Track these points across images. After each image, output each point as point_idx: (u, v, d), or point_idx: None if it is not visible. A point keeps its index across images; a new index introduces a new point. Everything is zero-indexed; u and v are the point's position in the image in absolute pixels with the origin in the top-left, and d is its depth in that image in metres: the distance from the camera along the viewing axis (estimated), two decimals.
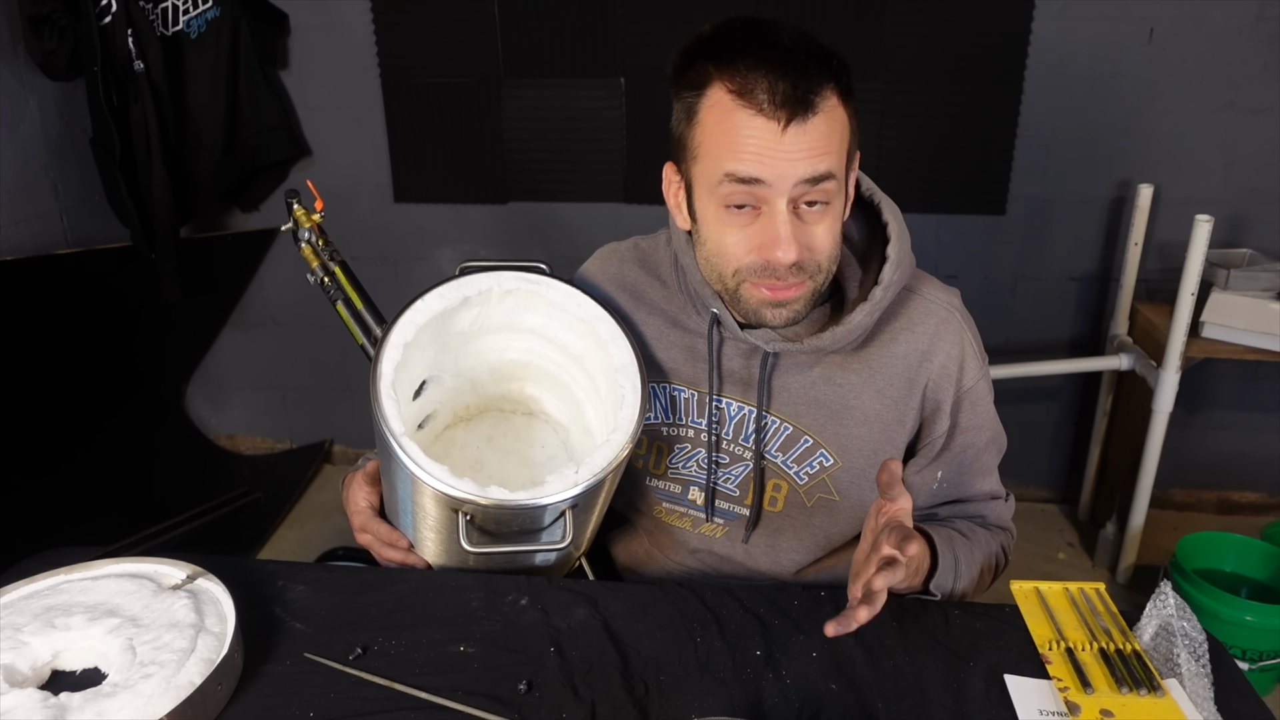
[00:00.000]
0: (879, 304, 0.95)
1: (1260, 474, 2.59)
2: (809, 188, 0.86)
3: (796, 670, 0.85)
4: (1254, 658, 1.91)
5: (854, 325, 0.94)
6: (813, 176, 0.85)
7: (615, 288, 1.11)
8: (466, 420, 1.16)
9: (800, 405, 1.01)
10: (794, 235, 0.86)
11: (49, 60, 2.29)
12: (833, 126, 0.86)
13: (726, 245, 0.90)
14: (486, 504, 0.86)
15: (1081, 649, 0.88)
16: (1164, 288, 2.40)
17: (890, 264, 0.95)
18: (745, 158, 0.84)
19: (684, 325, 1.06)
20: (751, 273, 0.90)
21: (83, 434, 2.55)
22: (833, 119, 0.85)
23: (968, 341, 1.01)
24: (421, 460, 0.87)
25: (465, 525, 0.87)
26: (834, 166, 0.86)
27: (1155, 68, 2.26)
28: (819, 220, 0.89)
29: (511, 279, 1.01)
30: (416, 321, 0.96)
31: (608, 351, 1.00)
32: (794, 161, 0.84)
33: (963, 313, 1.02)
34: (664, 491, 1.10)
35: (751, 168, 0.85)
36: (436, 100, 2.54)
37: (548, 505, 0.87)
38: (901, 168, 2.40)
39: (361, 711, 0.80)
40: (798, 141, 0.83)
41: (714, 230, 0.91)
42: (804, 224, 0.88)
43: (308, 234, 1.13)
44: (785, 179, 0.85)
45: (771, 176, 0.85)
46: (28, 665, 0.81)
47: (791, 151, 0.84)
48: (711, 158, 0.87)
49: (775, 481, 1.04)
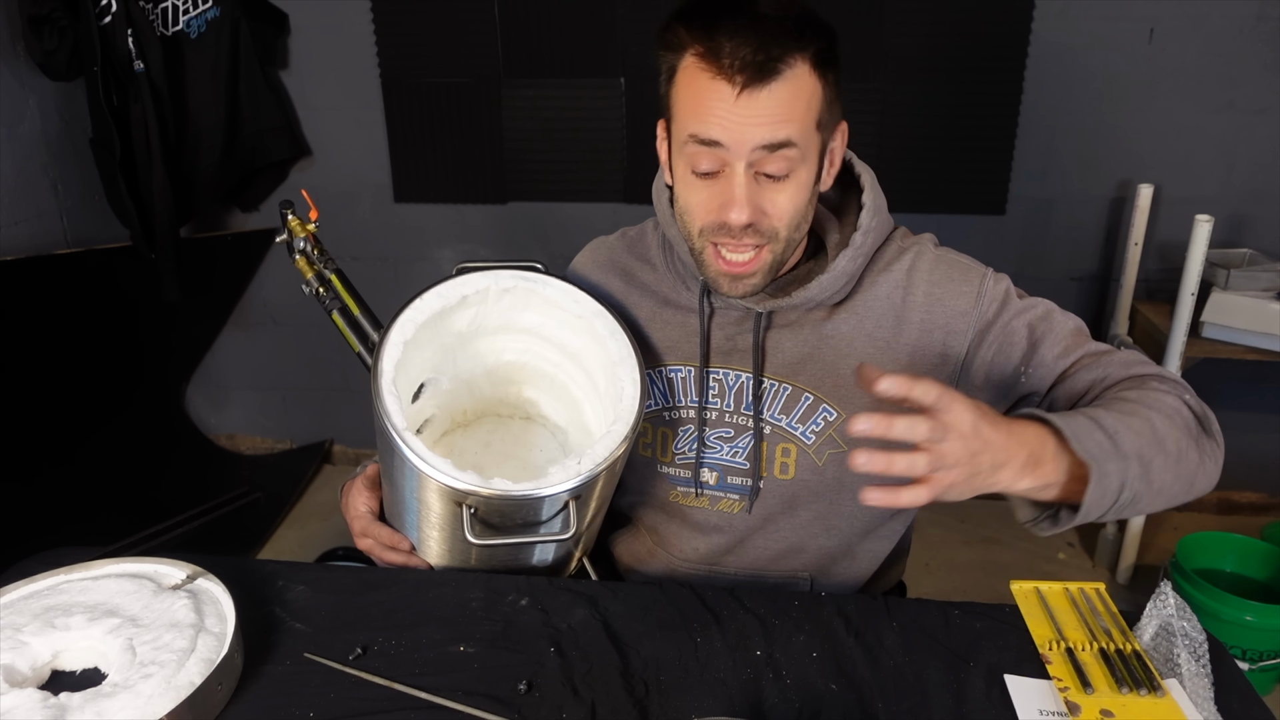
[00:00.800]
0: (860, 248, 0.96)
1: (1260, 474, 2.59)
2: (766, 154, 0.86)
3: (796, 670, 0.85)
4: (1254, 658, 1.91)
5: (839, 272, 0.96)
6: (770, 143, 0.86)
7: (607, 273, 1.12)
8: (464, 426, 1.16)
9: (795, 363, 1.02)
10: (748, 197, 0.88)
11: (49, 60, 2.29)
12: (797, 95, 0.86)
13: (691, 205, 0.93)
14: (490, 495, 0.86)
15: (1082, 649, 0.88)
16: (1164, 288, 2.40)
17: (867, 210, 0.97)
18: (706, 120, 0.86)
19: (676, 303, 1.07)
20: (711, 233, 0.92)
21: (83, 434, 2.55)
22: (799, 87, 0.85)
23: (950, 263, 1.01)
24: (425, 454, 0.87)
25: (469, 518, 0.87)
26: (795, 135, 0.86)
27: (1155, 68, 2.26)
28: (780, 188, 0.89)
29: (508, 278, 1.01)
30: (416, 320, 0.96)
31: (605, 347, 1.00)
32: (751, 126, 0.85)
33: (934, 244, 1.03)
34: (676, 477, 1.10)
35: (711, 129, 0.86)
36: (436, 100, 2.54)
37: (550, 496, 0.88)
38: (901, 168, 2.40)
39: (361, 711, 0.80)
40: (755, 106, 0.84)
41: (682, 189, 0.94)
42: (762, 189, 0.89)
43: (303, 244, 1.13)
44: (742, 143, 0.86)
45: (729, 140, 0.86)
46: (28, 665, 0.81)
47: (748, 116, 0.85)
48: (680, 119, 0.90)
49: (784, 446, 1.04)
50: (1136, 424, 0.81)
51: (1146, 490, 0.81)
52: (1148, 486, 0.81)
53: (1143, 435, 0.81)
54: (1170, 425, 0.84)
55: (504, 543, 0.93)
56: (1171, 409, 0.85)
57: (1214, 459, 0.88)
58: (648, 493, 1.13)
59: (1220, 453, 0.89)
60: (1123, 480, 0.78)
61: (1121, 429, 0.79)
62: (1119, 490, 0.79)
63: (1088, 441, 0.77)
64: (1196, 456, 0.85)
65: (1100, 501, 0.78)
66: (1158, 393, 0.87)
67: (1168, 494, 0.84)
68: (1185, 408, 0.88)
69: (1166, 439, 0.82)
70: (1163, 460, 0.82)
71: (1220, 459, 0.89)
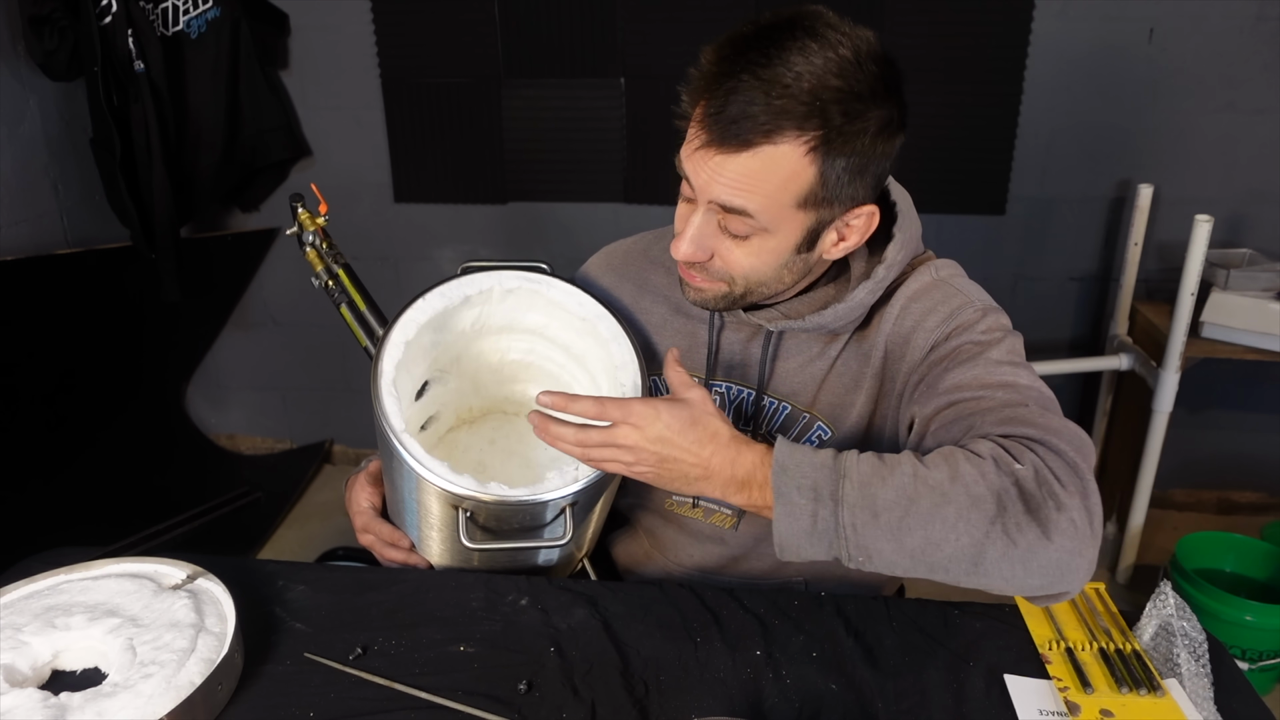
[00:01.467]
0: (881, 281, 0.94)
1: (1260, 474, 2.59)
2: (723, 212, 0.86)
3: (796, 670, 0.85)
4: (1254, 658, 1.91)
5: (856, 303, 0.94)
6: (726, 205, 0.84)
7: (618, 278, 1.12)
8: (470, 423, 1.16)
9: (794, 383, 1.01)
10: (695, 237, 0.87)
11: (49, 60, 2.29)
12: (769, 172, 0.81)
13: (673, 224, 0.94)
14: (487, 500, 0.86)
15: (1081, 649, 0.88)
16: (1164, 288, 2.40)
17: (895, 243, 0.94)
18: (686, 152, 0.86)
19: (687, 312, 1.06)
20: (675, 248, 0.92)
21: (83, 434, 2.55)
22: (772, 165, 0.81)
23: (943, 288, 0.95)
24: (422, 457, 0.87)
25: (466, 522, 0.87)
26: (754, 208, 0.83)
27: (1155, 68, 2.26)
28: (738, 245, 0.88)
29: (512, 278, 1.01)
30: (418, 320, 0.96)
31: (608, 350, 1.00)
32: (711, 181, 0.83)
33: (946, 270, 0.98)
34: None
35: (685, 164, 0.86)
36: (436, 100, 2.54)
37: (548, 502, 0.87)
38: (902, 168, 2.37)
39: (361, 711, 0.80)
40: (717, 165, 0.82)
41: None
42: (721, 237, 0.88)
43: (312, 237, 1.13)
44: (703, 190, 0.85)
45: (695, 182, 0.86)
46: (28, 665, 0.81)
47: (713, 169, 0.83)
48: None
49: None
50: (885, 474, 0.75)
51: (884, 546, 0.74)
52: (885, 542, 0.74)
53: (884, 487, 0.75)
54: (942, 487, 0.74)
55: (500, 547, 0.93)
56: (966, 475, 0.74)
57: (1028, 542, 0.72)
58: (645, 497, 1.13)
59: (1062, 538, 0.72)
60: (830, 523, 0.75)
61: (855, 475, 0.75)
62: (825, 531, 0.75)
63: (794, 474, 0.76)
64: (981, 532, 0.72)
65: (794, 535, 0.76)
66: (966, 454, 0.77)
67: (930, 562, 0.74)
68: (1000, 478, 0.74)
69: (920, 499, 0.74)
70: (910, 521, 0.73)
71: (1062, 545, 0.72)
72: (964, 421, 0.83)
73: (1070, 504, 0.74)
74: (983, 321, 0.91)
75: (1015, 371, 0.86)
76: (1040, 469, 0.75)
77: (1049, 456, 0.76)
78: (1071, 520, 0.73)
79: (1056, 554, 0.73)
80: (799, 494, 0.76)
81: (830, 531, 0.76)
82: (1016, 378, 0.85)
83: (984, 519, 0.73)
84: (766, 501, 0.78)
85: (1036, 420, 0.79)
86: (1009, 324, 0.93)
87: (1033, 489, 0.74)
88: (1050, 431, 0.78)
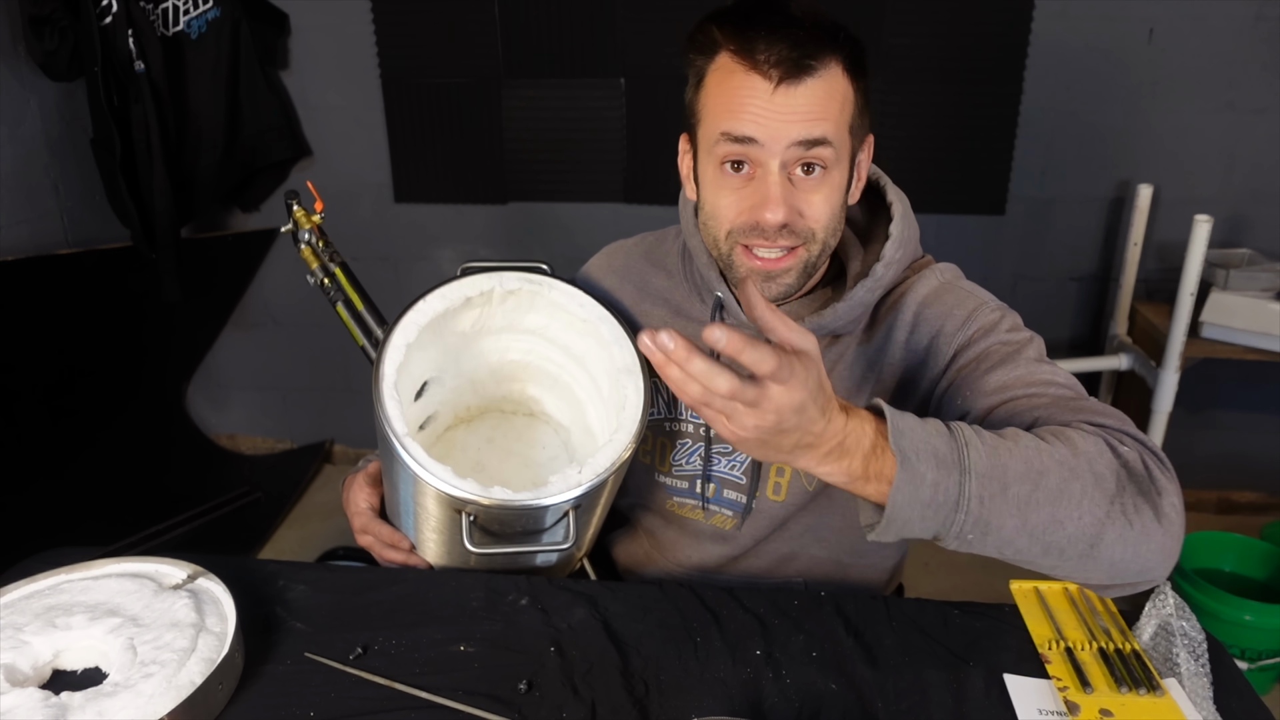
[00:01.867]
0: (880, 280, 0.93)
1: (1260, 474, 2.60)
2: (802, 150, 0.85)
3: (796, 670, 0.85)
4: (1253, 657, 1.91)
5: (855, 302, 0.93)
6: (805, 139, 0.84)
7: (620, 280, 1.11)
8: (468, 421, 1.16)
9: None
10: (783, 196, 0.86)
11: (49, 60, 2.30)
12: (832, 94, 0.85)
13: (720, 207, 0.90)
14: (489, 504, 0.86)
15: (1081, 648, 0.88)
16: (1164, 288, 2.40)
17: (893, 241, 0.94)
18: (740, 116, 0.85)
19: (688, 314, 1.06)
20: (742, 234, 0.90)
21: (83, 434, 2.55)
22: (833, 87, 0.85)
23: (952, 290, 0.95)
24: (424, 461, 0.87)
25: (468, 526, 0.87)
26: (830, 133, 0.85)
27: (1155, 68, 2.26)
28: (814, 188, 0.88)
29: (513, 279, 1.00)
30: (419, 322, 0.96)
31: (610, 353, 0.99)
32: (787, 122, 0.84)
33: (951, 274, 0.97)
34: (673, 487, 1.10)
35: (745, 126, 0.85)
36: (436, 100, 2.54)
37: (551, 506, 0.87)
38: (901, 168, 2.37)
39: (361, 711, 0.80)
40: (791, 102, 0.83)
41: (710, 193, 0.92)
42: (797, 189, 0.87)
43: (308, 235, 1.12)
44: (777, 139, 0.84)
45: (764, 136, 0.85)
46: (29, 665, 0.81)
47: (784, 111, 0.84)
48: (711, 119, 0.89)
49: (779, 466, 1.04)
50: (1010, 446, 0.71)
51: (1008, 521, 0.70)
52: (1010, 517, 0.70)
53: (1011, 458, 0.70)
54: (1069, 462, 0.71)
55: (502, 551, 0.93)
56: (1087, 452, 0.72)
57: (1144, 524, 0.72)
58: (646, 497, 1.13)
59: (1169, 523, 0.73)
60: (952, 494, 0.69)
61: (978, 444, 0.70)
62: (944, 503, 0.69)
63: (912, 438, 0.69)
64: (1103, 511, 0.71)
65: (911, 506, 0.69)
66: (1078, 432, 0.74)
67: (1047, 541, 0.71)
68: (1114, 457, 0.73)
69: (1049, 473, 0.70)
70: (1039, 495, 0.70)
71: (1169, 530, 0.73)
72: (1027, 415, 0.80)
73: (1170, 489, 0.74)
74: (1004, 321, 0.92)
75: (1054, 371, 0.86)
76: (1142, 453, 0.75)
77: (1141, 443, 0.77)
78: (1174, 505, 0.74)
79: (1164, 538, 0.73)
80: (921, 460, 0.69)
81: (949, 504, 0.69)
82: (1056, 376, 0.85)
83: (1105, 497, 0.71)
84: (873, 471, 0.69)
85: (1107, 412, 0.79)
86: (1022, 323, 0.94)
87: (1141, 472, 0.74)
88: (1125, 422, 0.78)
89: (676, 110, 0.95)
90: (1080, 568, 0.73)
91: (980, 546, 0.72)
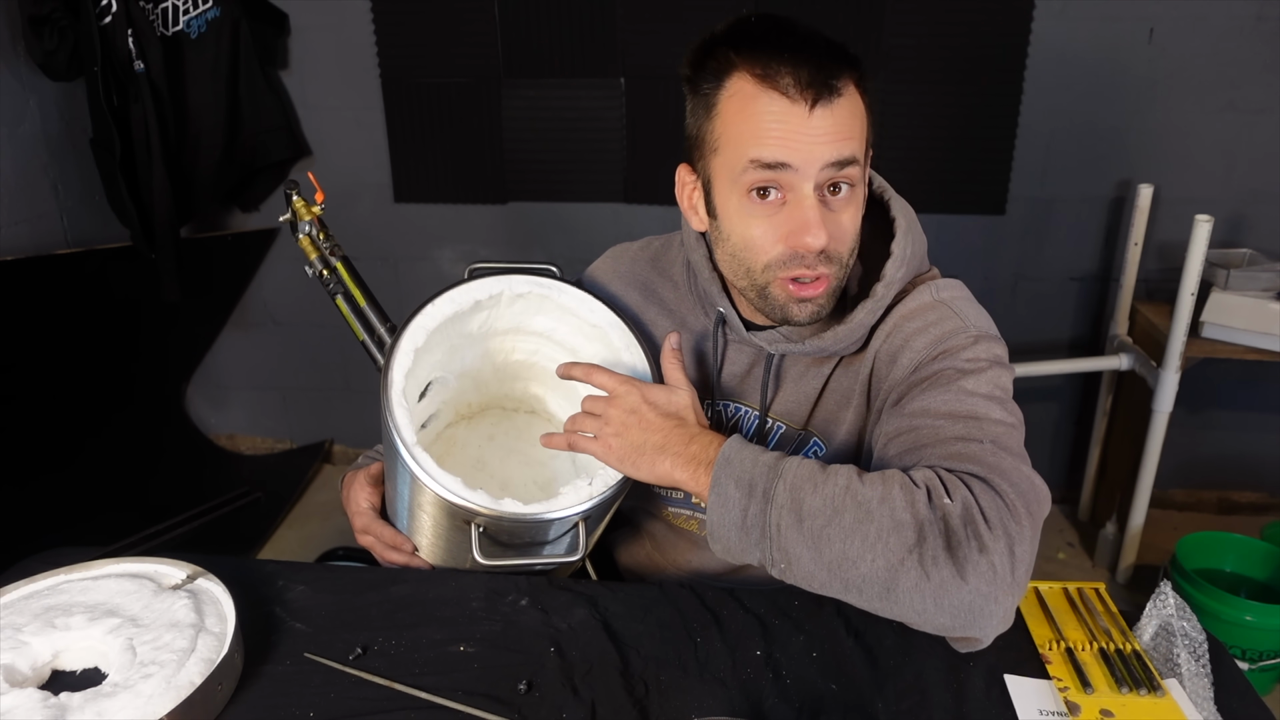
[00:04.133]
0: (881, 301, 0.91)
1: (1260, 474, 2.59)
2: (835, 171, 0.84)
3: (796, 670, 0.85)
4: (1254, 658, 1.91)
5: (856, 324, 0.92)
6: (839, 160, 0.83)
7: (626, 285, 1.11)
8: (469, 418, 1.15)
9: (792, 403, 1.01)
10: (823, 223, 0.84)
11: (49, 60, 2.29)
12: (854, 112, 0.85)
13: (754, 238, 0.87)
14: (499, 516, 0.86)
15: (1081, 649, 0.88)
16: (1164, 288, 2.40)
17: (894, 260, 0.92)
18: (770, 142, 0.83)
19: (691, 326, 1.06)
20: (780, 265, 0.87)
21: (83, 434, 2.55)
22: (854, 105, 0.85)
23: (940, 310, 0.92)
24: (435, 472, 0.86)
25: (478, 537, 0.87)
26: (857, 151, 0.85)
27: (1155, 68, 2.26)
28: (844, 208, 0.87)
29: (523, 283, 0.99)
30: (428, 327, 0.94)
31: (619, 359, 0.99)
32: (820, 145, 0.82)
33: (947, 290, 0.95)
34: (668, 497, 1.10)
35: (777, 152, 0.83)
36: (436, 100, 2.54)
37: (560, 519, 0.87)
38: (901, 168, 2.39)
39: (361, 711, 0.80)
40: (823, 124, 0.82)
41: (738, 224, 0.88)
42: (830, 211, 0.86)
43: (307, 226, 1.11)
44: (812, 163, 0.83)
45: (798, 160, 0.83)
46: (28, 665, 0.81)
47: (817, 134, 0.82)
48: (734, 146, 0.85)
49: None
50: (821, 481, 0.77)
51: (804, 553, 0.76)
52: (805, 549, 0.76)
53: (815, 494, 0.76)
54: (869, 505, 0.75)
55: (513, 564, 0.92)
56: (893, 499, 0.75)
57: (941, 578, 0.72)
58: (647, 503, 1.13)
59: (977, 580, 0.72)
60: (758, 520, 0.78)
61: (791, 478, 0.78)
62: (753, 527, 0.78)
63: (735, 466, 0.81)
64: (897, 558, 0.73)
65: (723, 525, 0.80)
66: (903, 478, 0.77)
67: (845, 578, 0.75)
68: (927, 508, 0.74)
69: (845, 512, 0.75)
70: (831, 531, 0.75)
71: (976, 588, 0.72)
72: (916, 451, 0.83)
73: (994, 547, 0.73)
74: (972, 349, 0.88)
75: (987, 405, 0.84)
76: (970, 507, 0.75)
77: (985, 496, 0.76)
78: (991, 564, 0.73)
79: (970, 596, 0.73)
80: (735, 487, 0.80)
81: (758, 530, 0.79)
82: (988, 412, 0.84)
83: (902, 546, 0.74)
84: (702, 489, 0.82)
85: (985, 459, 0.79)
86: (1002, 355, 0.90)
87: (957, 526, 0.74)
88: (995, 471, 0.78)
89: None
90: (889, 609, 0.76)
91: (792, 577, 0.79)
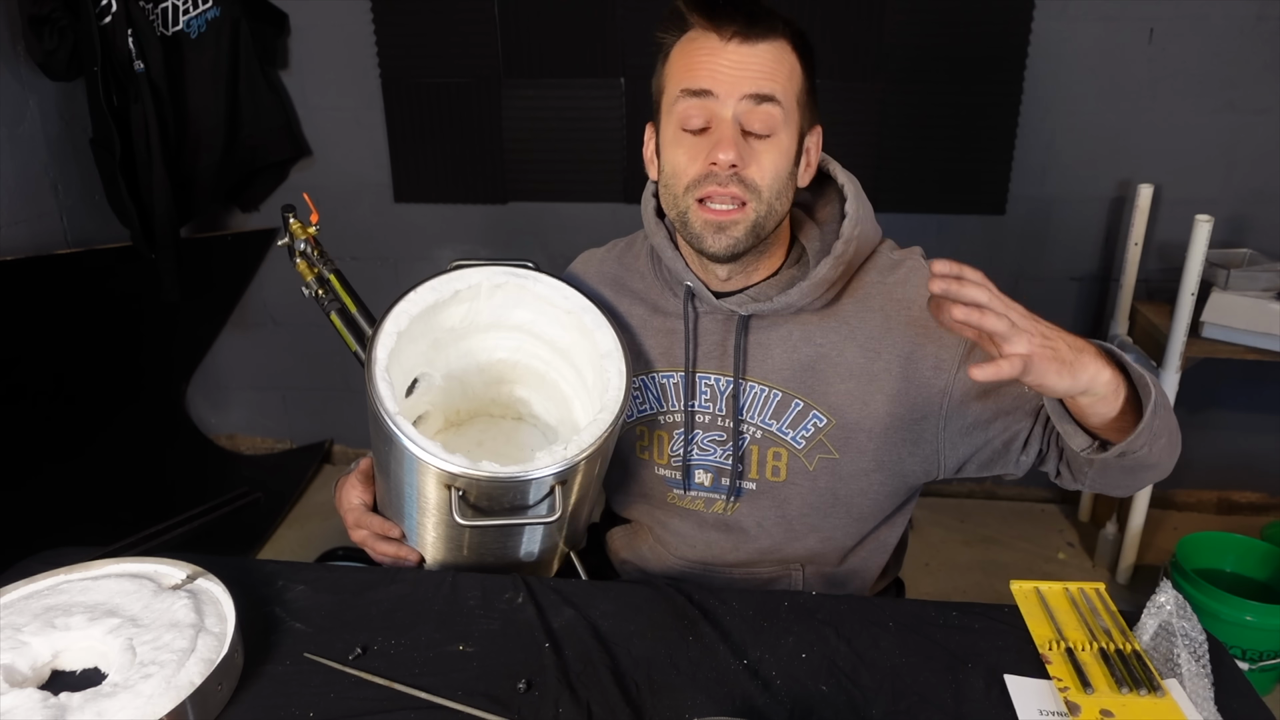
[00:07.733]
0: (841, 257, 0.99)
1: (1260, 474, 2.59)
2: (753, 104, 0.92)
3: (788, 671, 0.85)
4: (1254, 658, 1.91)
5: (819, 279, 0.99)
6: (756, 93, 0.92)
7: (598, 282, 1.15)
8: (458, 425, 1.18)
9: (783, 369, 1.03)
10: (734, 140, 0.92)
11: (49, 60, 2.29)
12: (780, 61, 0.93)
13: (679, 163, 0.96)
14: (478, 477, 0.88)
15: (1081, 649, 0.88)
16: (1164, 288, 2.40)
17: (849, 220, 0.99)
18: (697, 71, 0.93)
19: (664, 310, 1.09)
20: (696, 184, 0.95)
21: (83, 434, 2.55)
22: (781, 55, 0.93)
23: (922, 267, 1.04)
24: (415, 437, 0.89)
25: (457, 500, 0.89)
26: (779, 93, 0.93)
27: (1155, 68, 2.26)
28: (764, 147, 0.94)
29: (500, 273, 1.04)
30: (410, 312, 0.99)
31: (593, 340, 1.02)
32: (738, 76, 0.91)
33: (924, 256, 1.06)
34: (670, 479, 1.11)
35: (700, 79, 0.93)
36: (436, 100, 2.54)
37: (536, 479, 0.90)
38: (901, 168, 2.39)
39: (361, 711, 0.80)
40: (741, 56, 0.92)
41: (669, 152, 0.98)
42: (748, 145, 0.93)
43: (303, 245, 1.14)
44: (731, 91, 0.92)
45: (718, 87, 0.92)
46: (28, 665, 0.81)
47: (735, 64, 0.91)
48: (672, 83, 0.97)
49: (775, 450, 1.05)
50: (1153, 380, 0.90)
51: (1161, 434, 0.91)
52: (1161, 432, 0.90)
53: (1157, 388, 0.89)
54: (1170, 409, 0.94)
55: (491, 524, 0.94)
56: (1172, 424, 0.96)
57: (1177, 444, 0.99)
58: (647, 495, 1.14)
59: None
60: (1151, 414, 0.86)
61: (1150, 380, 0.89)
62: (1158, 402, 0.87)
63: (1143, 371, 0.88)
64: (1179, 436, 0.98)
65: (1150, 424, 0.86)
66: None
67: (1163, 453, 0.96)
68: None
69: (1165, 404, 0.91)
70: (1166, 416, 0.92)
71: None
72: None
73: None
74: None
75: None
76: None
77: None
78: None
79: None
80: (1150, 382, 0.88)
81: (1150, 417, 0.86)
82: None
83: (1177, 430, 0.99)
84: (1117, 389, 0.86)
85: None
86: None
87: None
88: None
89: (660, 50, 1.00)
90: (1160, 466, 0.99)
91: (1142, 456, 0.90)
